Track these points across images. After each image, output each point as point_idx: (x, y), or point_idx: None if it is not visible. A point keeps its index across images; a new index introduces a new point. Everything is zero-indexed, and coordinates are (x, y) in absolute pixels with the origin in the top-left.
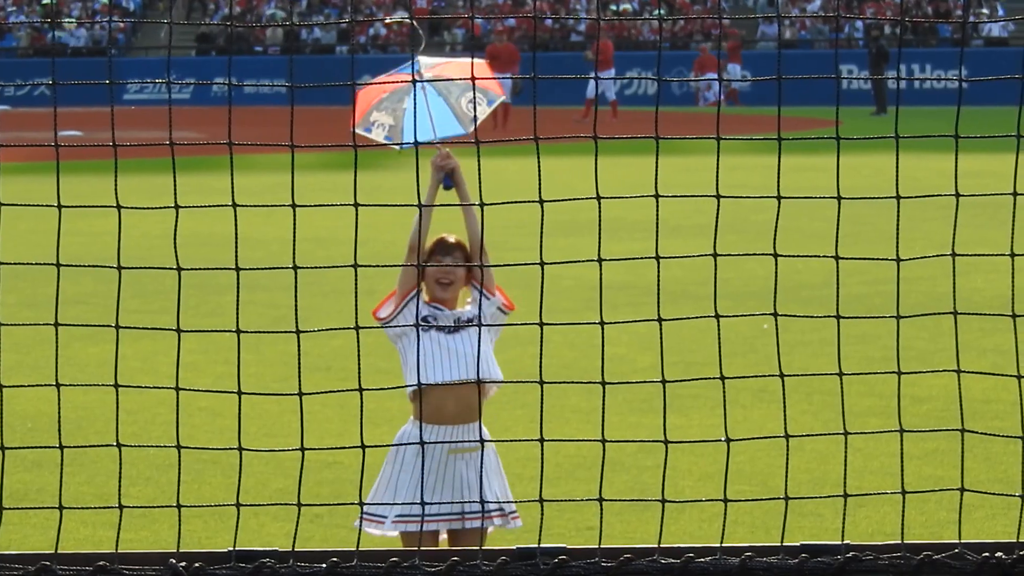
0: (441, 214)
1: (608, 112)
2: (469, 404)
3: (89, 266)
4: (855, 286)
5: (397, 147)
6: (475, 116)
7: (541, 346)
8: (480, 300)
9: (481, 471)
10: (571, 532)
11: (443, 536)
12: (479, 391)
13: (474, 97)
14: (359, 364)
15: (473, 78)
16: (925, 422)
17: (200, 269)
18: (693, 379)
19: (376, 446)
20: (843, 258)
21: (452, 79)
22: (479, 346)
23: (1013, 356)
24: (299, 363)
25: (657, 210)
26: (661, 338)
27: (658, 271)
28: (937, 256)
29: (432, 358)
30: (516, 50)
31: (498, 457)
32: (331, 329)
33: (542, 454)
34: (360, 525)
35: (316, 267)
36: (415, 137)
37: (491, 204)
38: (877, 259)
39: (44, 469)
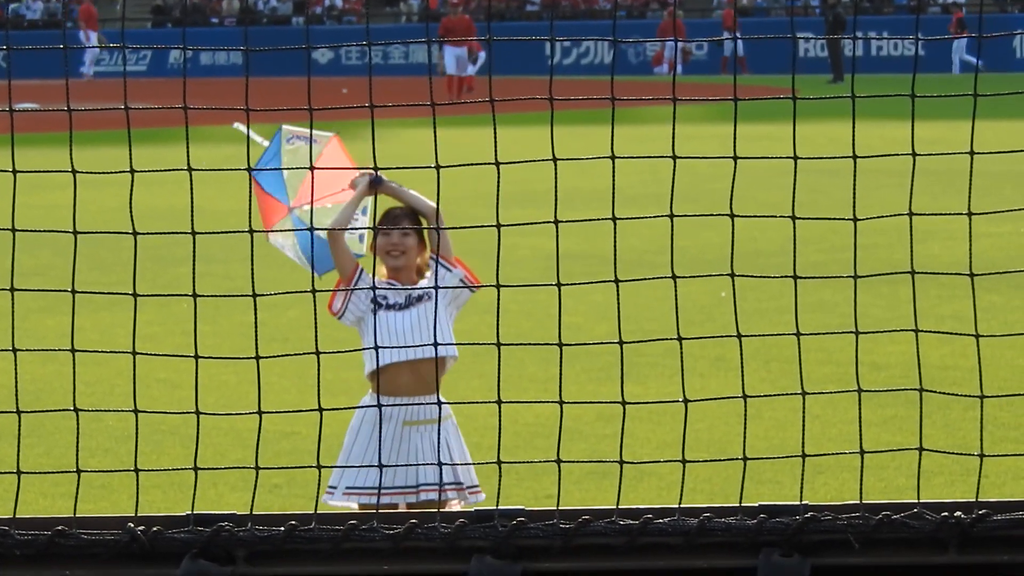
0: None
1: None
2: (424, 377)
3: (44, 231)
4: (812, 254)
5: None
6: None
7: (498, 309)
8: (437, 271)
9: (439, 444)
10: (529, 499)
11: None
12: (436, 365)
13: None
14: (316, 334)
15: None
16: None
17: (155, 233)
18: (650, 340)
19: (333, 409)
20: (799, 218)
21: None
22: (435, 320)
23: (971, 322)
24: (256, 329)
25: (613, 171)
26: (618, 299)
27: (615, 232)
28: (894, 216)
29: (382, 339)
30: (471, 21)
31: (459, 432)
32: (287, 292)
33: (499, 418)
34: (318, 497)
35: (272, 230)
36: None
37: (447, 166)
38: (833, 219)
39: (2, 440)
